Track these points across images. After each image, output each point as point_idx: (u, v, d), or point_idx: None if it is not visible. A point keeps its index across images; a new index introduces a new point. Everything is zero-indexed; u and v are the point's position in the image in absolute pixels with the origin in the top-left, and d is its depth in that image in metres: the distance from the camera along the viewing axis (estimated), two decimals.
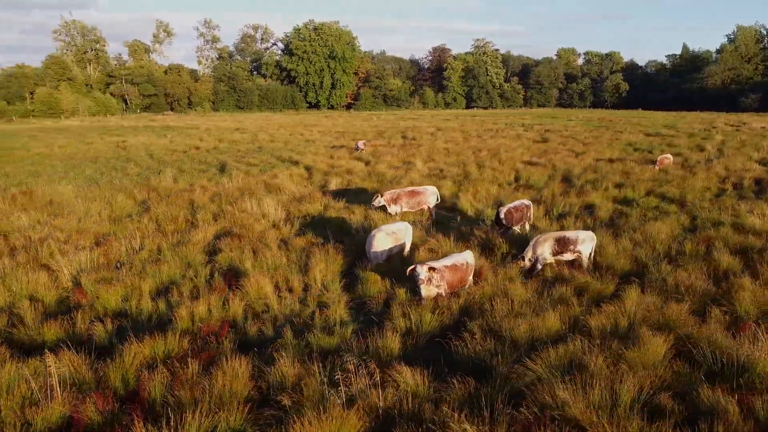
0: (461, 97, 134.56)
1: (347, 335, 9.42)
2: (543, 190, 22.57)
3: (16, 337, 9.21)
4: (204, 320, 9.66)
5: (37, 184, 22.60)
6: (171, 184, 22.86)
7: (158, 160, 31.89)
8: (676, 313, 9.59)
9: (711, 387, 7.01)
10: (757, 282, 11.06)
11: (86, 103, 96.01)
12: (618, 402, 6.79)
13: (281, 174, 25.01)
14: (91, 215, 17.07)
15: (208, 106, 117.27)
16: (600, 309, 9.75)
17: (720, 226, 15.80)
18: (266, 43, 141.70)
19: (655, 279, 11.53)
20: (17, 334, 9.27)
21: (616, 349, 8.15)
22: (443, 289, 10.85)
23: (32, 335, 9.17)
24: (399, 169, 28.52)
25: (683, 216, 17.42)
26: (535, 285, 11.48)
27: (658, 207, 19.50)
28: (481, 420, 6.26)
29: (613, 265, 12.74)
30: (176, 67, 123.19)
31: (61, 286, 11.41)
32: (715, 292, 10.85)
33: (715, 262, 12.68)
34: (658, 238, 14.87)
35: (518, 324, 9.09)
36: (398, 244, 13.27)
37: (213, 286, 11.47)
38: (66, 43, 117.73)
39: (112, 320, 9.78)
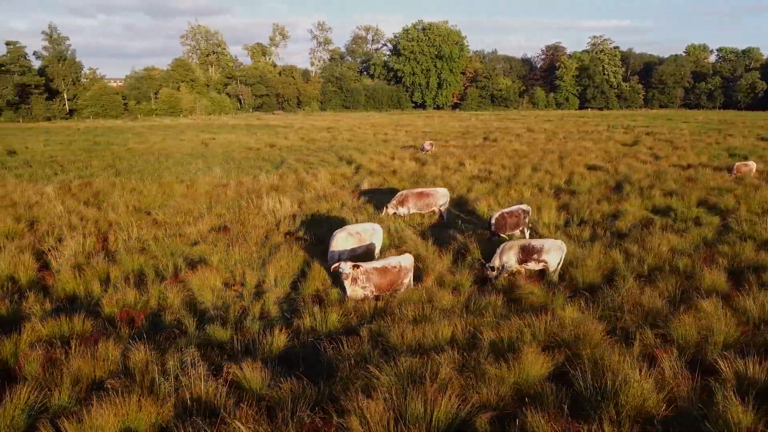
0: (574, 97, 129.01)
1: (255, 329, 9.71)
2: (581, 195, 21.38)
3: None
4: (128, 306, 10.37)
5: (98, 177, 25.05)
6: (211, 179, 24.30)
7: (226, 157, 33.88)
8: (591, 332, 8.89)
9: (536, 412, 6.50)
10: (725, 306, 9.92)
11: (203, 103, 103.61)
12: (432, 417, 6.52)
13: (322, 173, 25.69)
14: (117, 206, 18.66)
15: (315, 106, 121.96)
16: (509, 322, 9.25)
17: (745, 241, 14.25)
18: (376, 44, 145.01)
19: (605, 296, 10.68)
20: None
21: (484, 364, 7.75)
22: (369, 291, 10.80)
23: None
24: (448, 170, 28.22)
25: (709, 229, 15.83)
26: (471, 292, 11.08)
27: (697, 218, 17.80)
28: (265, 420, 6.31)
29: (578, 278, 11.96)
30: (289, 68, 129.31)
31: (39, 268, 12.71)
32: (666, 313, 9.88)
33: (697, 280, 11.52)
34: (659, 251, 13.70)
35: (407, 331, 8.89)
36: (363, 245, 13.30)
37: (166, 277, 12.23)
38: (191, 47, 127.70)
39: (59, 302, 10.81)
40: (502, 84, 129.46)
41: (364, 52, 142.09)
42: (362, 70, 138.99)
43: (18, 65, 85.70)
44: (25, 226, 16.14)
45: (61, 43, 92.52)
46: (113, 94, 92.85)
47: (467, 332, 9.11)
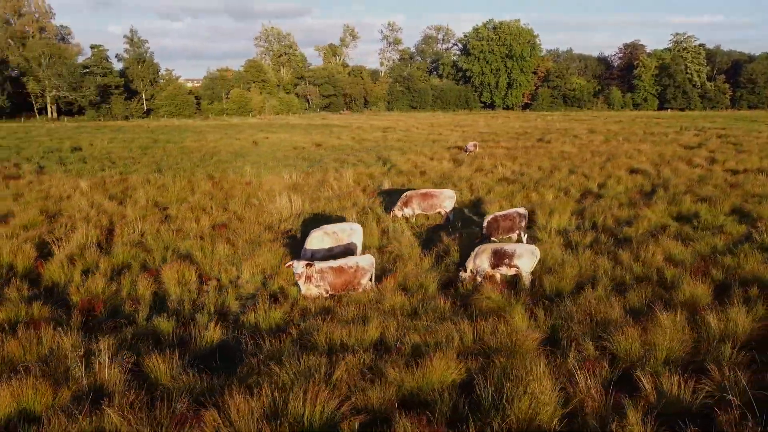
0: (653, 97, 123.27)
1: (203, 322, 10.04)
2: (605, 200, 20.55)
3: None
4: (94, 296, 10.97)
5: (138, 173, 26.47)
6: (238, 177, 25.13)
7: (268, 156, 34.83)
8: (523, 341, 8.61)
9: (406, 418, 6.39)
10: (690, 321, 9.34)
11: (272, 103, 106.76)
12: (304, 416, 6.57)
13: (347, 172, 25.98)
14: (138, 201, 19.66)
15: (382, 106, 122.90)
16: (442, 326, 9.11)
17: (761, 252, 13.31)
18: (446, 43, 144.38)
19: (564, 305, 10.28)
20: None
21: (386, 368, 7.69)
22: (324, 290, 10.91)
23: None
24: (480, 172, 27.86)
25: (724, 238, 14.85)
26: (427, 295, 10.95)
27: (721, 226, 16.70)
28: (145, 408, 6.57)
29: (546, 285, 11.58)
30: (358, 68, 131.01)
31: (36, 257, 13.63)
32: (622, 324, 9.40)
33: (676, 292, 10.88)
34: (652, 260, 13.01)
35: (336, 330, 8.95)
36: (340, 244, 13.40)
37: (150, 269, 12.82)
38: (265, 49, 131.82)
39: (41, 290, 11.62)
40: (575, 84, 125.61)
41: (433, 52, 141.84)
42: (431, 70, 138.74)
43: (100, 67, 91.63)
44: (45, 218, 17.32)
45: (141, 46, 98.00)
46: (186, 94, 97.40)
47: (399, 334, 9.05)
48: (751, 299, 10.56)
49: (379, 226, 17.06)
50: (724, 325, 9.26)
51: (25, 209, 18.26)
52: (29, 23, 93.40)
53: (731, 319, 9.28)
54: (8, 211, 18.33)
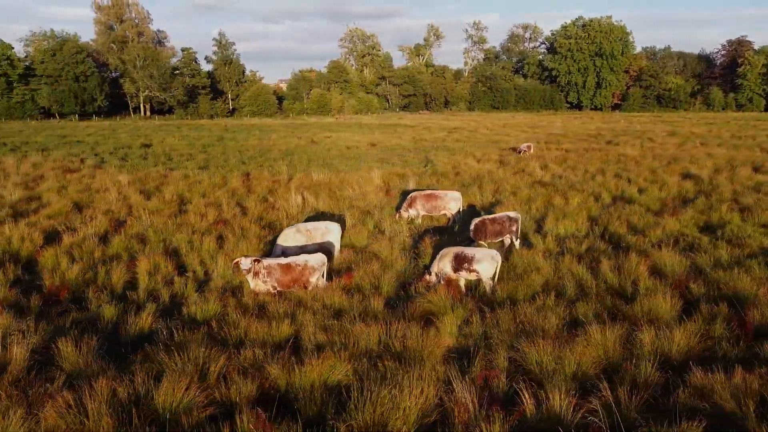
0: (759, 97, 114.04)
1: (153, 310, 10.60)
2: (632, 206, 19.49)
3: None
4: (65, 282, 11.80)
5: (182, 169, 27.98)
6: (269, 174, 25.94)
7: (317, 154, 35.62)
8: (431, 347, 8.45)
9: (249, 412, 6.50)
10: (629, 336, 8.80)
11: (351, 102, 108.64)
12: (168, 402, 6.84)
13: (376, 172, 26.13)
14: (164, 195, 20.81)
15: (463, 106, 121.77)
16: (357, 326, 9.09)
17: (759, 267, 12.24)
18: (534, 42, 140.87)
19: (504, 312, 9.93)
20: None
21: (264, 363, 7.83)
22: (271, 286, 11.15)
23: None
24: (519, 173, 27.21)
25: (731, 250, 13.72)
26: (371, 294, 10.92)
27: (744, 238, 15.39)
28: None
29: (499, 292, 11.22)
30: (441, 68, 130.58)
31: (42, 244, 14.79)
32: (554, 336, 8.98)
33: (636, 306, 10.23)
34: (636, 271, 12.27)
35: (253, 326, 9.18)
36: (314, 242, 13.58)
37: (134, 260, 13.60)
38: (349, 49, 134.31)
39: (29, 275, 12.64)
40: (670, 83, 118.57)
41: (519, 51, 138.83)
42: (516, 69, 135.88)
43: (189, 68, 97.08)
44: (72, 208, 18.71)
45: (228, 48, 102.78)
46: (268, 94, 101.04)
47: (315, 333, 9.13)
48: (715, 316, 9.77)
49: (376, 226, 17.14)
50: (661, 343, 8.62)
51: (60, 200, 19.83)
52: (129, 28, 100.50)
53: (667, 338, 8.62)
54: (46, 202, 19.98)
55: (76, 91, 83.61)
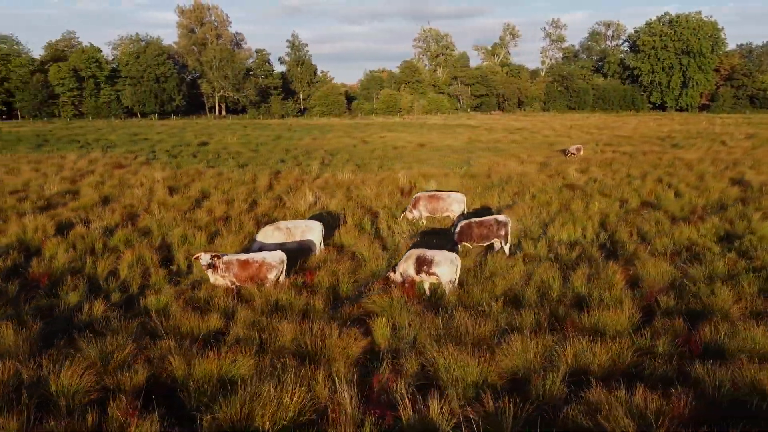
0: None
1: (117, 299, 11.25)
2: (656, 212, 18.53)
3: None
4: (52, 270, 12.65)
5: (223, 166, 29.11)
6: (298, 173, 26.51)
7: (362, 154, 35.98)
8: (341, 346, 8.47)
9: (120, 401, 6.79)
10: (559, 348, 8.49)
11: (421, 103, 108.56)
12: (61, 385, 7.27)
13: (403, 173, 26.15)
14: (188, 191, 21.77)
15: (537, 107, 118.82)
16: (272, 323, 9.30)
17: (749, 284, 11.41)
18: (616, 40, 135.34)
19: (438, 317, 9.79)
20: None
21: (176, 355, 8.11)
22: (229, 281, 11.48)
23: None
24: (552, 176, 26.44)
25: (731, 263, 12.81)
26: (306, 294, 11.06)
27: (757, 249, 14.30)
28: None
29: (451, 297, 11.02)
30: (516, 67, 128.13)
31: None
32: (474, 342, 8.79)
33: (582, 318, 9.80)
34: (612, 280, 11.72)
35: (185, 319, 9.54)
36: (293, 240, 13.82)
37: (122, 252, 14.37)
38: (423, 49, 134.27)
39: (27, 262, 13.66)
40: (766, 82, 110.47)
41: (600, 50, 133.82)
42: (597, 68, 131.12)
43: (262, 69, 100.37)
44: (99, 202, 19.94)
45: (301, 50, 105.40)
46: (338, 94, 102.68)
47: (241, 328, 9.37)
48: (667, 330, 9.20)
49: (374, 226, 17.21)
50: (585, 357, 8.23)
51: (92, 194, 21.18)
52: (209, 31, 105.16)
53: (588, 351, 8.21)
54: (81, 195, 21.39)
55: (156, 91, 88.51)
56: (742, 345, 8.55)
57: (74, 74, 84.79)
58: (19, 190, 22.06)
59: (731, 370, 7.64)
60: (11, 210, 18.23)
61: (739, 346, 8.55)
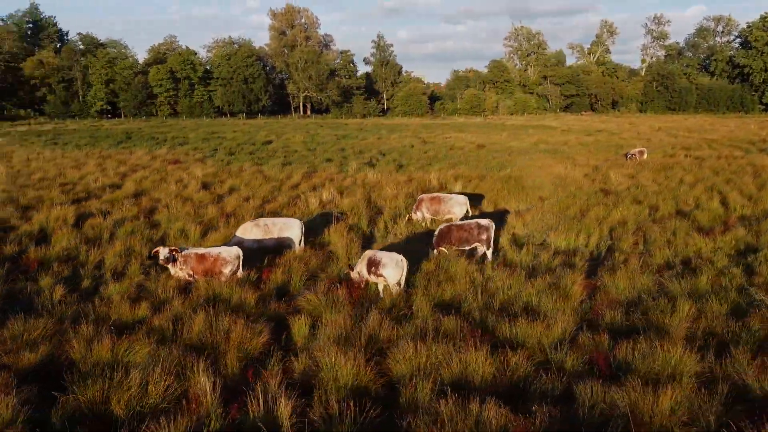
0: None
1: (87, 285, 12.16)
2: (680, 221, 17.38)
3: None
4: (46, 257, 13.77)
5: (265, 164, 30.25)
6: (330, 173, 27.04)
7: (410, 155, 36.00)
8: (242, 341, 8.74)
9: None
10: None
11: (507, 103, 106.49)
12: None
13: (435, 174, 25.99)
14: (216, 188, 22.84)
15: (634, 107, 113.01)
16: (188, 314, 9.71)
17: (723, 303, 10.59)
18: (726, 36, 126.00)
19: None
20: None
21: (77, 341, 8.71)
22: (187, 273, 12.03)
23: None
24: (595, 181, 25.40)
25: (707, 277, 11.84)
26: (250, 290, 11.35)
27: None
28: None
29: (386, 300, 10.98)
30: (613, 66, 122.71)
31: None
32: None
33: (508, 327, 9.47)
34: (570, 290, 11.22)
35: (120, 308, 10.17)
36: (270, 237, 14.22)
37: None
38: (513, 48, 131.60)
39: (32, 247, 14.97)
40: None
41: (707, 47, 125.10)
42: (703, 66, 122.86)
43: (346, 70, 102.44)
44: (130, 196, 21.36)
45: (386, 50, 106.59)
46: (420, 94, 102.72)
47: (167, 317, 9.85)
48: (585, 347, 8.72)
49: (371, 226, 17.33)
50: (472, 369, 7.98)
51: (130, 188, 22.73)
52: (298, 33, 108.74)
53: (474, 362, 7.95)
54: (123, 188, 22.99)
55: (243, 92, 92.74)
56: (651, 367, 7.94)
57: (171, 76, 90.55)
58: (69, 182, 24.04)
59: (614, 392, 7.16)
60: (49, 201, 19.92)
61: (649, 367, 7.95)
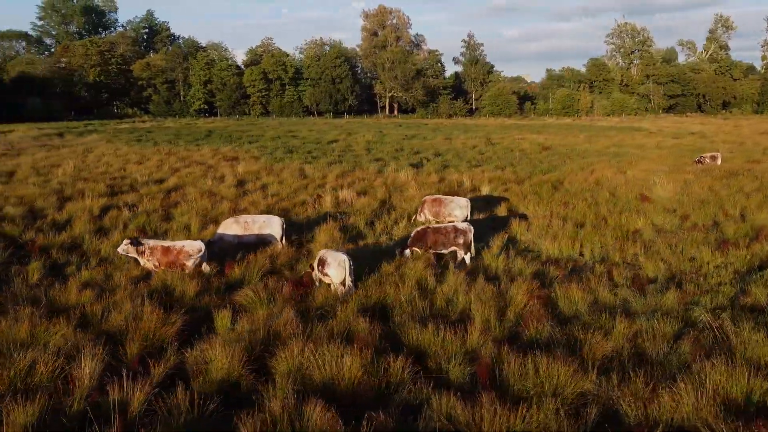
0: None
1: (72, 271, 13.18)
2: (706, 234, 16.15)
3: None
4: (48, 242, 15.03)
5: (315, 162, 31.06)
6: (366, 174, 27.28)
7: (464, 155, 35.50)
8: (153, 331, 9.22)
9: None
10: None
11: (602, 103, 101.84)
12: None
13: (468, 175, 25.56)
14: (247, 184, 23.81)
15: (748, 108, 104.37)
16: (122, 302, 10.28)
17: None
18: None
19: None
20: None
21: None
22: (153, 264, 12.72)
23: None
24: (637, 187, 23.84)
25: (674, 295, 10.93)
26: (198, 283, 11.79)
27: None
28: None
29: (319, 299, 11.08)
30: (727, 64, 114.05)
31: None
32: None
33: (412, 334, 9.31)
34: (513, 300, 10.80)
35: (66, 290, 10.97)
36: (250, 233, 14.68)
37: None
38: (615, 46, 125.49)
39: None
40: None
41: None
42: None
43: (433, 70, 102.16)
44: (164, 190, 22.73)
45: (477, 49, 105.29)
46: (508, 94, 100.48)
47: (101, 303, 10.54)
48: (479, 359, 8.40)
49: (368, 226, 17.42)
50: (342, 374, 7.94)
51: (172, 182, 24.20)
52: (389, 33, 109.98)
53: (347, 365, 7.89)
54: (166, 182, 24.51)
55: (330, 91, 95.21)
56: (522, 383, 7.54)
57: (263, 76, 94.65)
58: (120, 176, 25.92)
59: (462, 407, 6.88)
60: (90, 192, 21.61)
61: (521, 384, 7.56)
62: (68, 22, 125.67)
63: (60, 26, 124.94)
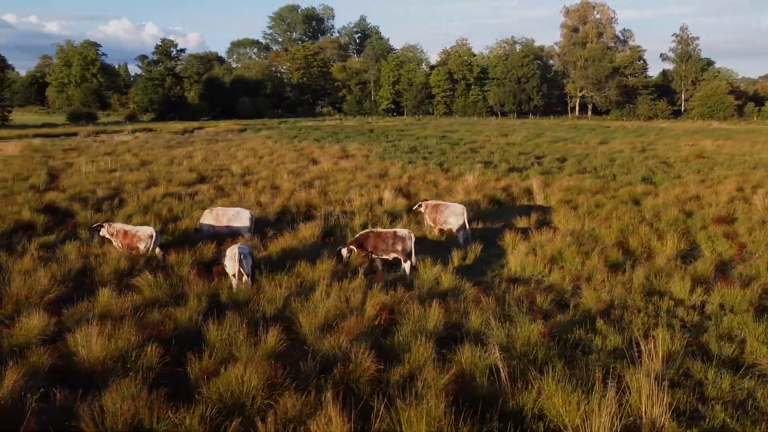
0: None
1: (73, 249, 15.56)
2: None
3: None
4: (87, 221, 17.65)
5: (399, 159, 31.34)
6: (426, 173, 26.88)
7: (583, 160, 32.75)
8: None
9: None
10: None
11: None
12: None
13: (533, 177, 23.84)
14: (303, 178, 25.12)
15: None
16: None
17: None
18: None
19: None
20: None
21: None
22: (117, 245, 14.42)
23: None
24: (690, 203, 20.35)
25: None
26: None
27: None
28: None
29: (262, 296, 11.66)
30: None
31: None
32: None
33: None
34: (454, 307, 10.58)
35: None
36: (220, 225, 15.82)
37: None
38: None
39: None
40: None
41: None
42: None
43: (632, 68, 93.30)
44: (235, 181, 25.03)
45: (690, 44, 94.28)
46: (724, 94, 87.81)
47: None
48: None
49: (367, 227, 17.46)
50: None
51: (261, 174, 26.63)
52: (590, 30, 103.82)
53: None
54: (231, 172, 27.00)
55: (515, 91, 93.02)
56: None
57: (449, 76, 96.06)
58: (219, 168, 29.10)
59: None
60: (172, 180, 24.71)
61: None
62: (292, 29, 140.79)
63: (285, 33, 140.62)
